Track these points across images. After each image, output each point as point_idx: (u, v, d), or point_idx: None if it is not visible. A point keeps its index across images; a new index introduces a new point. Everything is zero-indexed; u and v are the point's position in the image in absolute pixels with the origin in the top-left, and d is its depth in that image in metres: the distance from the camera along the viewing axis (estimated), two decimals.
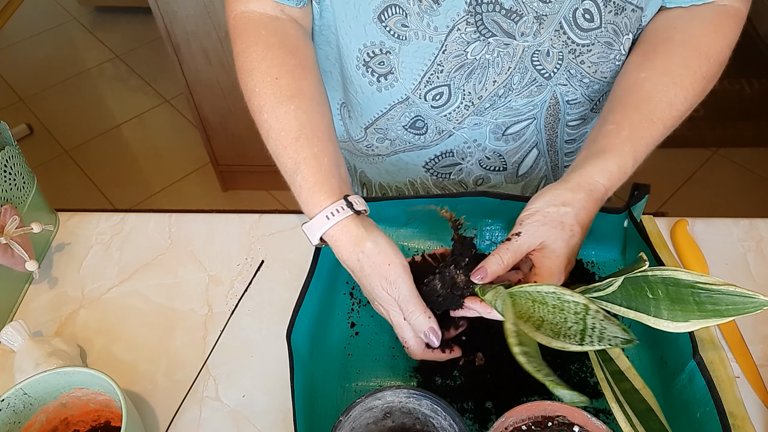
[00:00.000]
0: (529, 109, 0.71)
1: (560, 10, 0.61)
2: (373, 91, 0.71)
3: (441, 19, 0.62)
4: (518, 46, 0.64)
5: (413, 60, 0.66)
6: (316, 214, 0.57)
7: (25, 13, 3.04)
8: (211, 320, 0.73)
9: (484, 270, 0.55)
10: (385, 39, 0.65)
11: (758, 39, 2.39)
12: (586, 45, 0.65)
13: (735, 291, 0.50)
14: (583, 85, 0.70)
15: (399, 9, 0.62)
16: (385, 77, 0.69)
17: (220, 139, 1.91)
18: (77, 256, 0.81)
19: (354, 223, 0.57)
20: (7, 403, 0.57)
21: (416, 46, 0.64)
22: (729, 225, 0.78)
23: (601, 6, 0.61)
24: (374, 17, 0.63)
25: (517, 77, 0.67)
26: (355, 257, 0.57)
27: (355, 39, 0.66)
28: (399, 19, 0.63)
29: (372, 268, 0.56)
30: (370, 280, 0.57)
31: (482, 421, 0.60)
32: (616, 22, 0.63)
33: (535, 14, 0.61)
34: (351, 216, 0.57)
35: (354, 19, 0.65)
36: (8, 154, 0.75)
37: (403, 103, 0.71)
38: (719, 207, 1.94)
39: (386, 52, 0.66)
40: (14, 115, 2.45)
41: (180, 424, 0.65)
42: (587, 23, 0.63)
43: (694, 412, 0.54)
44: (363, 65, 0.69)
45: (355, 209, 0.57)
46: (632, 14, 0.63)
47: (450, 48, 0.64)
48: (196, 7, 1.53)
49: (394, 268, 0.56)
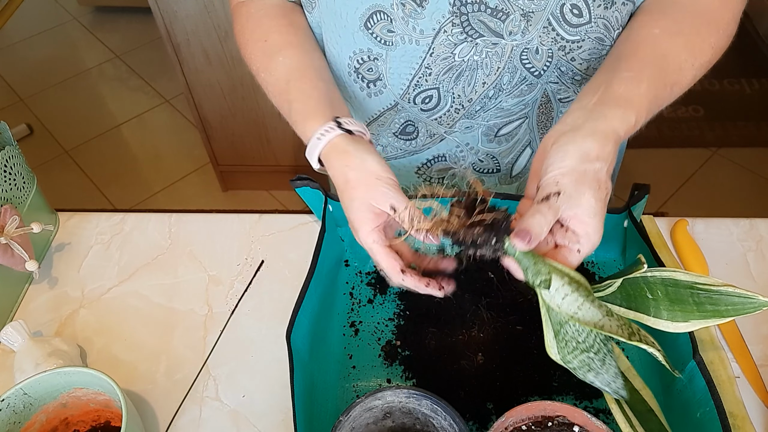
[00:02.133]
0: (521, 109, 0.71)
1: (547, 6, 0.60)
2: (364, 97, 0.72)
3: (426, 21, 0.62)
4: (507, 46, 0.63)
5: (401, 64, 0.66)
6: (310, 138, 0.58)
7: (25, 13, 3.04)
8: (211, 320, 0.73)
9: (528, 233, 0.47)
10: (372, 46, 0.65)
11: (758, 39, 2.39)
12: (576, 41, 0.64)
13: (734, 292, 0.50)
14: (575, 83, 0.69)
15: (384, 15, 0.62)
16: (374, 83, 0.69)
17: (220, 139, 1.91)
18: (77, 256, 0.81)
19: (344, 141, 0.56)
20: (7, 403, 0.57)
21: (403, 50, 0.65)
22: (729, 225, 0.78)
23: (589, 0, 0.60)
24: (360, 25, 0.64)
25: (506, 77, 0.67)
26: (341, 173, 0.55)
27: (345, 47, 0.67)
28: (385, 25, 0.63)
29: (358, 182, 0.54)
30: (352, 195, 0.54)
31: (482, 421, 0.60)
32: (606, 17, 0.62)
33: (521, 12, 0.60)
34: (341, 135, 0.56)
35: (343, 28, 0.65)
36: (8, 154, 0.75)
37: (392, 110, 0.72)
38: (719, 207, 1.93)
39: (374, 59, 0.67)
40: (14, 115, 2.45)
41: (180, 424, 0.65)
42: (576, 18, 0.62)
43: (694, 412, 0.54)
44: (354, 72, 0.69)
45: (344, 128, 0.56)
46: (623, 8, 0.62)
47: (437, 51, 0.64)
48: (196, 7, 1.53)
49: (383, 181, 0.53)
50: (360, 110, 0.75)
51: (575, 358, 0.48)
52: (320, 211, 0.71)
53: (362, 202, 0.54)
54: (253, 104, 1.77)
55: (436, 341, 0.66)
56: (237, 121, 1.83)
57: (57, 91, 2.57)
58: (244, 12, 0.69)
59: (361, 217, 0.54)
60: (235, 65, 1.67)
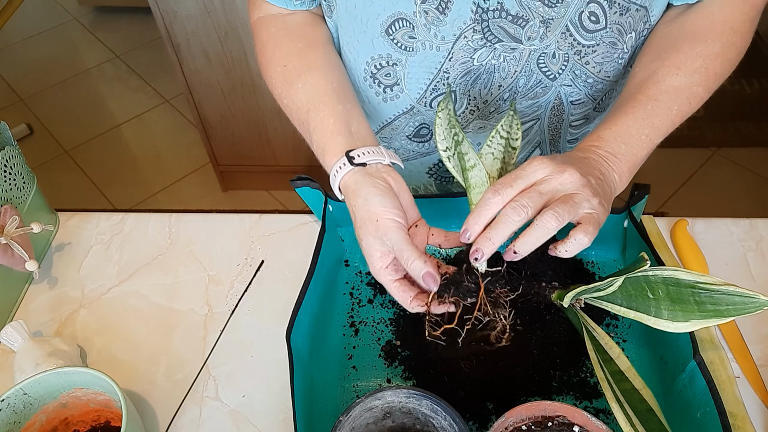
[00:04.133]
0: (533, 110, 0.71)
1: (566, 13, 0.61)
2: (379, 102, 0.72)
3: (448, 28, 0.62)
4: (524, 50, 0.64)
5: (419, 70, 0.66)
6: (329, 173, 0.59)
7: (25, 13, 3.04)
8: (211, 320, 0.73)
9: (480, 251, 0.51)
10: (392, 51, 0.65)
11: (758, 39, 2.39)
12: (591, 46, 0.65)
13: (735, 291, 0.50)
14: (587, 85, 0.70)
15: (406, 22, 0.62)
16: (390, 88, 0.70)
17: (220, 139, 1.91)
18: (77, 256, 0.81)
19: (353, 179, 0.57)
20: (7, 403, 0.57)
21: (423, 56, 0.65)
22: (729, 225, 0.78)
23: (606, 7, 0.61)
24: (381, 31, 0.64)
25: (522, 80, 0.67)
26: (352, 211, 0.57)
27: (363, 52, 0.67)
28: (406, 32, 0.63)
29: (362, 221, 0.55)
30: (360, 231, 0.56)
31: (482, 421, 0.60)
32: (621, 22, 0.63)
33: (541, 19, 0.61)
34: (352, 171, 0.57)
35: (362, 34, 0.65)
36: (8, 154, 0.75)
37: (407, 113, 0.72)
38: (719, 207, 1.93)
39: (393, 64, 0.67)
40: (14, 115, 2.45)
41: (180, 424, 0.65)
42: (593, 25, 0.63)
43: (694, 412, 0.54)
44: (370, 77, 0.69)
45: (356, 163, 0.57)
46: (636, 14, 0.63)
47: (456, 56, 0.64)
48: (196, 7, 1.53)
49: (383, 223, 0.54)
50: (374, 115, 0.75)
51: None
52: (320, 211, 0.71)
53: (371, 241, 0.55)
54: (253, 104, 1.77)
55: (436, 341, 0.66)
56: (237, 121, 1.83)
57: (57, 91, 2.57)
58: (264, 29, 0.69)
59: (372, 254, 0.56)
60: (235, 65, 1.67)
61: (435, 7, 0.60)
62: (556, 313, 0.66)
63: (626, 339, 0.66)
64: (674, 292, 0.52)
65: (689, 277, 0.52)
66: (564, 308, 0.59)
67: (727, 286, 0.50)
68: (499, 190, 0.50)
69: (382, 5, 0.61)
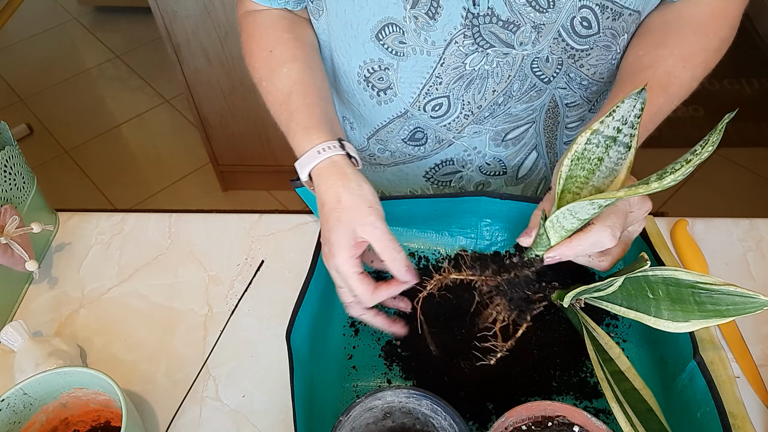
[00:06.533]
0: (528, 114, 0.71)
1: (557, 19, 0.60)
2: (374, 104, 0.72)
3: (438, 33, 0.62)
4: (517, 55, 0.64)
5: (411, 74, 0.66)
6: (309, 150, 0.58)
7: (25, 13, 3.04)
8: (211, 320, 0.73)
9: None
10: (383, 56, 0.65)
11: (758, 39, 2.39)
12: (584, 50, 0.64)
13: (735, 291, 0.50)
14: (582, 87, 0.70)
15: (396, 27, 0.62)
16: (384, 92, 0.70)
17: (220, 139, 1.91)
18: (77, 256, 0.81)
19: (345, 162, 0.57)
20: (7, 403, 0.57)
21: (414, 61, 0.65)
22: (729, 225, 0.78)
23: (598, 13, 0.61)
24: (371, 36, 0.64)
25: (516, 84, 0.67)
26: (335, 192, 0.56)
27: (355, 56, 0.67)
28: (396, 37, 0.63)
29: (350, 206, 0.55)
30: (340, 216, 0.55)
31: (482, 421, 0.60)
32: (614, 27, 0.63)
33: (532, 24, 0.61)
34: (343, 155, 0.57)
35: (353, 38, 0.65)
36: (8, 154, 0.75)
37: (402, 117, 0.72)
38: (719, 207, 1.94)
39: (385, 68, 0.67)
40: (14, 115, 2.45)
41: (180, 424, 0.65)
42: (585, 30, 0.62)
43: (694, 412, 0.54)
44: (364, 80, 0.70)
45: (346, 151, 0.58)
46: (629, 17, 0.63)
47: (448, 61, 0.64)
48: (196, 7, 1.54)
49: (374, 212, 0.55)
50: (369, 117, 0.75)
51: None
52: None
53: (347, 226, 0.55)
54: (253, 104, 1.77)
55: (436, 341, 0.66)
56: (237, 121, 1.83)
57: (57, 91, 2.57)
58: (250, 22, 0.70)
59: (342, 243, 0.55)
60: (235, 65, 1.67)
61: (425, 12, 0.60)
62: (556, 313, 0.66)
63: (626, 339, 0.66)
64: (674, 292, 0.52)
65: (689, 277, 0.52)
66: (564, 308, 0.59)
67: (727, 286, 0.50)
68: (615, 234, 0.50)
69: (372, 10, 0.61)
